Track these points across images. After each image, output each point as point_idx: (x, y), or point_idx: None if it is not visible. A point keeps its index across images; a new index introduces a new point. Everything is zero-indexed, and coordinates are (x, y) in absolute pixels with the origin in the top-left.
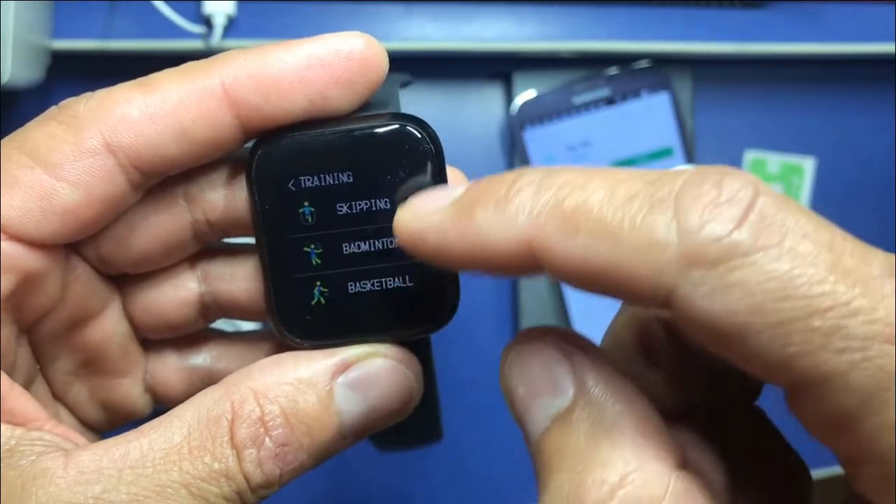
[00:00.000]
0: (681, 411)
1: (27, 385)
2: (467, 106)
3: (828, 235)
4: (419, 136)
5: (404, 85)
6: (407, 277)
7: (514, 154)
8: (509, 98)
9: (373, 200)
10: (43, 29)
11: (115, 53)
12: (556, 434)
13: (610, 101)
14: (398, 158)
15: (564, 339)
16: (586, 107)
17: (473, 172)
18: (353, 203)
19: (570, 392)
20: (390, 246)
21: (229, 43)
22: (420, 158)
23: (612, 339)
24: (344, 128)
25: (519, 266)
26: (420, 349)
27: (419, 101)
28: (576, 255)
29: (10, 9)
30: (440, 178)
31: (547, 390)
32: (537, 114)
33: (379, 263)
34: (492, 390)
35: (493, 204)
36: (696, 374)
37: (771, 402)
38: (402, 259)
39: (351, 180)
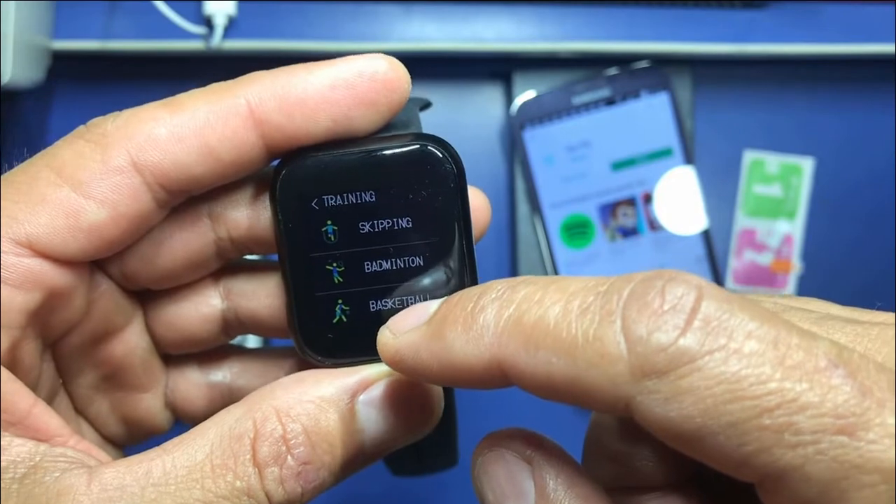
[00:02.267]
0: (676, 481)
1: (50, 399)
2: (467, 106)
3: (773, 332)
4: (441, 155)
5: (424, 107)
6: (428, 296)
7: (514, 154)
8: (509, 98)
9: (395, 219)
10: (43, 29)
11: (115, 54)
12: None
13: (610, 102)
14: (420, 178)
15: (526, 442)
16: (586, 107)
17: (474, 173)
18: (376, 222)
19: (532, 497)
20: (412, 264)
21: (230, 43)
22: (442, 178)
23: (596, 422)
24: (367, 148)
25: (490, 380)
26: None
27: None
28: (539, 371)
29: (10, 9)
30: (462, 198)
31: (510, 497)
32: (537, 114)
33: (400, 282)
34: (492, 399)
35: (460, 324)
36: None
37: None
38: (423, 278)
39: (374, 199)
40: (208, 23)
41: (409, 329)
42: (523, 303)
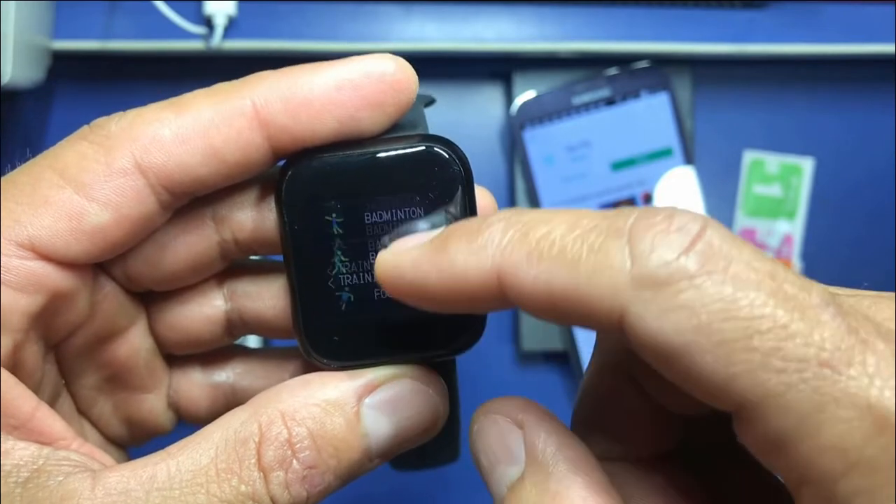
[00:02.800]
0: (661, 454)
1: (52, 400)
2: (467, 106)
3: (770, 266)
4: (448, 157)
5: (428, 104)
6: None
7: (514, 154)
8: (509, 98)
9: (402, 223)
10: (43, 29)
11: (115, 54)
12: (511, 501)
13: (609, 102)
14: (427, 180)
15: (520, 408)
16: (586, 107)
17: (474, 173)
18: (382, 224)
19: (523, 460)
20: None
21: (230, 43)
22: (449, 180)
23: (583, 393)
24: (373, 149)
25: (489, 296)
26: (445, 371)
27: None
28: (539, 282)
29: (10, 9)
30: (469, 199)
31: (503, 459)
32: (537, 114)
33: None
34: (485, 394)
35: (465, 238)
36: (670, 422)
37: None
38: None
39: (380, 201)
40: (208, 23)
41: (411, 247)
42: (530, 222)
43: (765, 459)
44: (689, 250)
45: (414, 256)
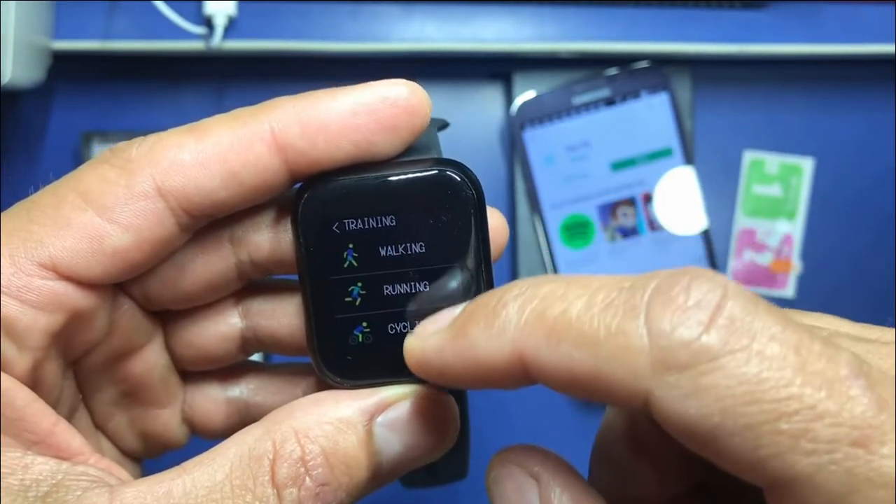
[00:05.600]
0: (681, 493)
1: (70, 415)
2: (467, 106)
3: (795, 337)
4: (459, 180)
5: (441, 128)
6: None
7: (514, 155)
8: (509, 98)
9: (414, 244)
10: (43, 29)
11: (115, 54)
12: None
13: (609, 102)
14: (439, 203)
15: (535, 458)
16: (586, 107)
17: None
18: (396, 246)
19: None
20: (430, 288)
21: (230, 43)
22: (461, 203)
23: (604, 431)
24: (387, 173)
25: (513, 377)
26: (456, 390)
27: None
28: (561, 364)
29: (10, 9)
30: (480, 223)
31: None
32: (537, 114)
33: (419, 305)
34: (493, 401)
35: (483, 321)
36: (690, 459)
37: None
38: (441, 301)
39: (394, 224)
40: (208, 23)
41: (433, 332)
42: (546, 298)
43: None
44: (710, 327)
45: (437, 343)
